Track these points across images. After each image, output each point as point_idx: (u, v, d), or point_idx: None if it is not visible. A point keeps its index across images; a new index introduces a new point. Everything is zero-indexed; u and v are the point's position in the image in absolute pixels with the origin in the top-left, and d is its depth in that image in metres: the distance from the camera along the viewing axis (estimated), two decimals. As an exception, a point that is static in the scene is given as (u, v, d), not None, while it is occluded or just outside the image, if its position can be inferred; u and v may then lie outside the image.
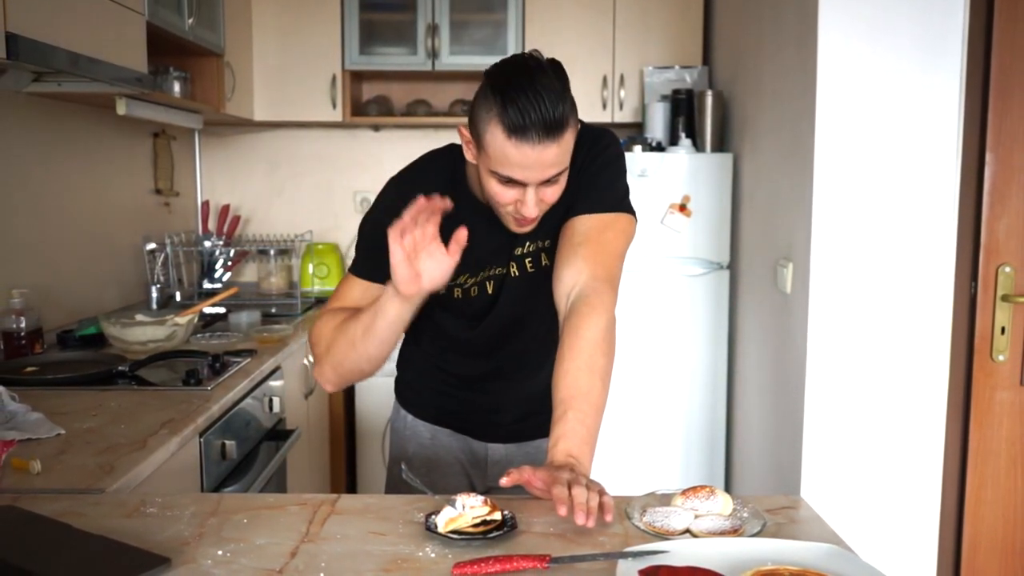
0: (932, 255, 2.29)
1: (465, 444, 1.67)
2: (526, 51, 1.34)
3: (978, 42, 2.27)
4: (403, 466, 1.35)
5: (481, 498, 1.12)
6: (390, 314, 1.32)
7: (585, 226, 1.41)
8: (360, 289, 1.46)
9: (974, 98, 2.29)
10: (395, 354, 1.76)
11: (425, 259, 1.25)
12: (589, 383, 1.29)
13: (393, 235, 1.23)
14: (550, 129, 1.24)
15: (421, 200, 1.22)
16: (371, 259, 1.45)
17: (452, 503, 1.12)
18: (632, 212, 1.47)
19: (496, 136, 1.26)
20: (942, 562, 2.41)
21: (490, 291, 1.51)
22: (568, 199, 1.43)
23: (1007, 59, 2.27)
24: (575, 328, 1.32)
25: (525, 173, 1.28)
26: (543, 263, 1.49)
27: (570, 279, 1.37)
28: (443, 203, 1.23)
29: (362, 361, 1.39)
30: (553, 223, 1.45)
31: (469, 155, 1.37)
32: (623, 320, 3.21)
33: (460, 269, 1.47)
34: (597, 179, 1.44)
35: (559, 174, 1.32)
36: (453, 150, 1.49)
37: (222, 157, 3.82)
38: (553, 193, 1.35)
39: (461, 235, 1.24)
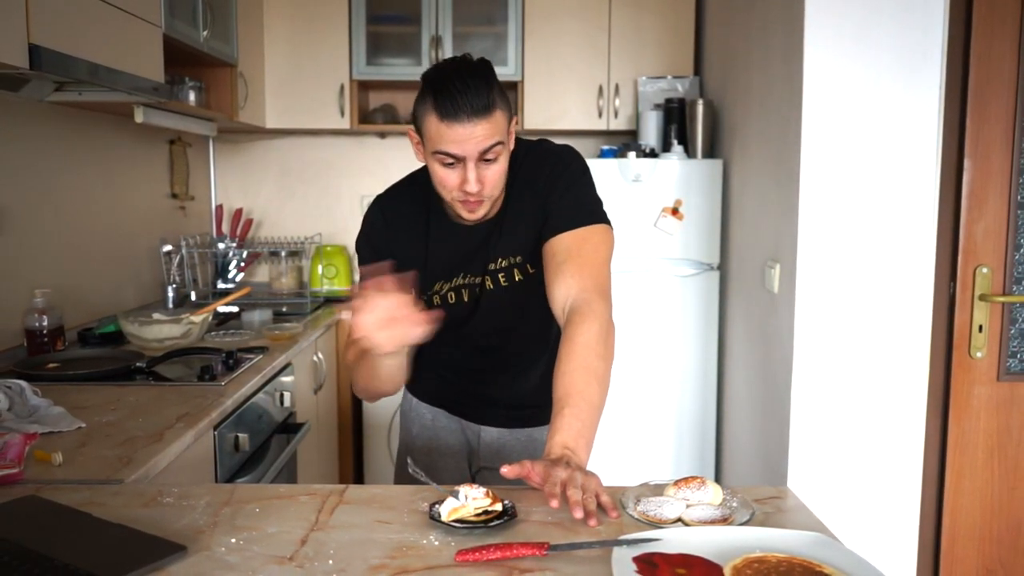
0: (913, 256, 2.29)
1: (460, 426, 1.70)
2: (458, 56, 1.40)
3: (956, 54, 2.27)
4: (409, 460, 1.36)
5: (483, 490, 1.12)
6: (384, 363, 1.34)
7: (564, 244, 1.43)
8: None
9: (953, 107, 2.29)
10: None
11: (398, 328, 1.21)
12: (584, 382, 1.29)
13: (355, 310, 1.20)
14: (477, 110, 1.30)
15: (367, 285, 1.21)
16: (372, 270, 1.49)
17: (455, 494, 1.12)
18: (607, 221, 1.48)
19: (432, 123, 1.33)
20: (922, 549, 2.41)
21: (466, 299, 1.54)
22: (538, 218, 1.46)
23: (984, 70, 2.27)
24: (570, 336, 1.33)
25: (461, 147, 1.32)
26: (516, 278, 1.51)
27: (562, 295, 1.39)
28: (387, 270, 1.24)
29: (383, 390, 1.46)
30: (523, 240, 1.48)
31: (419, 156, 1.42)
32: (619, 319, 3.21)
33: (435, 276, 1.53)
34: (566, 197, 1.46)
35: (494, 148, 1.34)
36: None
37: (235, 163, 3.82)
38: (493, 174, 1.37)
39: (436, 313, 1.24)
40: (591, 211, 1.46)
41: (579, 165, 1.50)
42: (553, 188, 1.46)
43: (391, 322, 1.21)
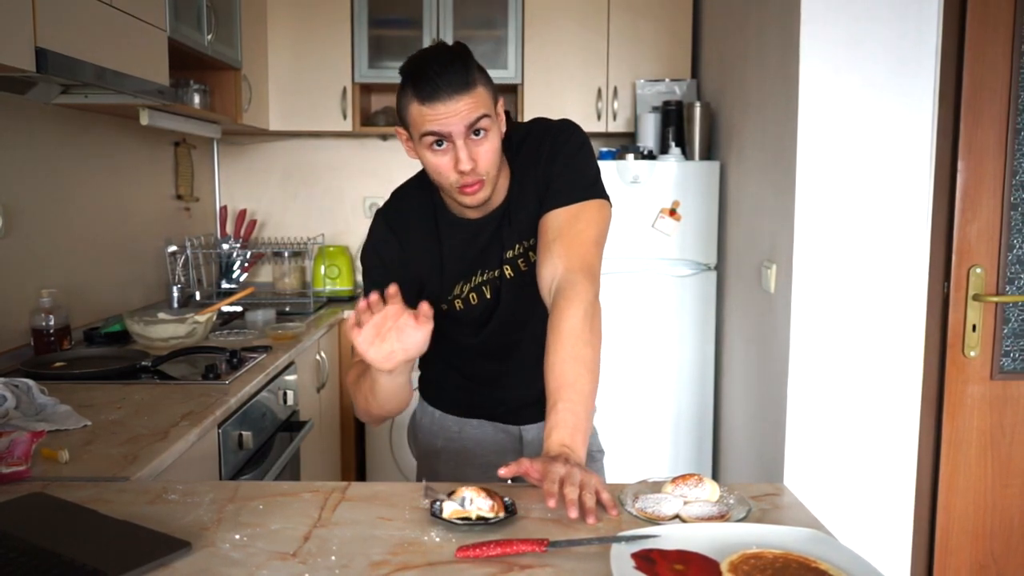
0: (907, 257, 2.29)
1: (497, 430, 1.65)
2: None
3: (950, 58, 2.27)
4: (425, 483, 1.30)
5: (489, 502, 1.11)
6: (382, 382, 1.31)
7: (557, 221, 1.39)
8: None
9: (946, 110, 2.29)
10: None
11: (394, 339, 1.22)
12: (575, 373, 1.27)
13: (350, 327, 1.21)
14: (456, 87, 1.27)
15: (362, 303, 1.21)
16: (378, 290, 1.46)
17: (461, 501, 1.11)
18: (603, 196, 1.43)
19: (414, 108, 1.30)
20: (917, 545, 2.41)
21: (488, 296, 1.50)
22: (539, 195, 1.42)
23: (978, 74, 2.27)
24: (555, 323, 1.31)
25: (445, 124, 1.28)
26: (532, 260, 1.46)
27: (548, 275, 1.36)
28: (391, 292, 1.22)
29: (384, 411, 1.40)
30: (533, 222, 1.43)
31: (411, 154, 1.38)
32: (617, 318, 3.22)
33: (454, 280, 1.48)
34: (563, 172, 1.42)
35: (480, 120, 1.30)
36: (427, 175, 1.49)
37: (239, 165, 3.82)
38: (486, 152, 1.33)
39: (424, 308, 1.22)
40: (586, 186, 1.42)
41: (577, 138, 1.45)
42: (552, 163, 1.42)
43: (389, 332, 1.21)
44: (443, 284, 1.49)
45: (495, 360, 1.59)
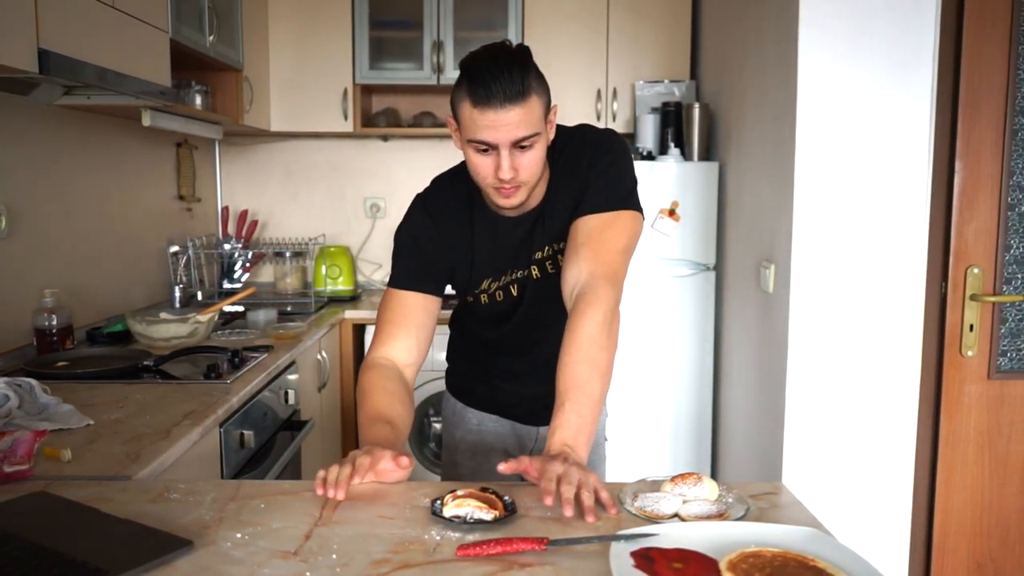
0: (905, 257, 2.29)
1: (512, 429, 1.67)
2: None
3: (948, 59, 2.27)
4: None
5: (491, 515, 1.11)
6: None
7: (588, 226, 1.40)
8: (399, 300, 1.47)
9: (944, 110, 2.29)
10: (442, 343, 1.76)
11: (372, 476, 1.23)
12: (586, 376, 1.28)
13: (318, 484, 1.21)
14: (510, 96, 1.27)
15: (323, 490, 1.20)
16: (406, 271, 1.48)
17: (463, 512, 1.11)
18: (637, 208, 1.44)
19: (465, 109, 1.30)
20: (914, 544, 2.41)
21: (515, 293, 1.51)
22: (575, 200, 1.43)
23: (975, 75, 2.27)
24: (573, 326, 1.31)
25: (493, 134, 1.29)
26: (560, 263, 1.47)
27: (572, 278, 1.36)
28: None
29: None
30: (565, 226, 1.44)
31: (457, 142, 1.39)
32: (616, 318, 3.20)
33: (483, 274, 1.50)
34: (600, 180, 1.43)
35: (529, 138, 1.31)
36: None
37: (240, 165, 3.82)
38: (529, 161, 1.34)
39: (404, 461, 1.22)
40: (622, 196, 1.43)
41: (618, 148, 1.46)
42: (590, 170, 1.43)
43: (368, 474, 1.22)
44: (471, 278, 1.50)
45: (515, 358, 1.61)
